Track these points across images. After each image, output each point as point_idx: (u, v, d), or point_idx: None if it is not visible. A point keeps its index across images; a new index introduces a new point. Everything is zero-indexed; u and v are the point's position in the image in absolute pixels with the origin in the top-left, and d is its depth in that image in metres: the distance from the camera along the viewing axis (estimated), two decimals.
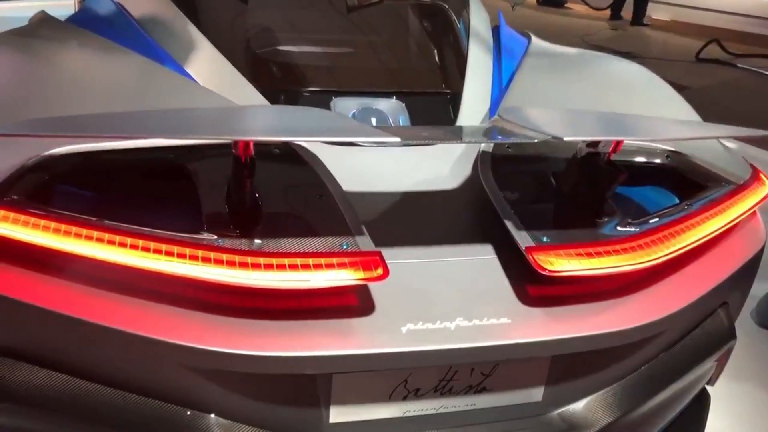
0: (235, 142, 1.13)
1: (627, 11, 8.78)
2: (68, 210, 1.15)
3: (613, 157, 1.33)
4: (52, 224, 1.12)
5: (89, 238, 1.11)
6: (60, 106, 1.44)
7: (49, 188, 1.28)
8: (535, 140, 1.16)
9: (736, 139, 1.77)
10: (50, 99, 1.47)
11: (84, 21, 1.95)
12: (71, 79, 1.59)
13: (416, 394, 1.25)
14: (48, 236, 1.12)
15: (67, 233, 1.12)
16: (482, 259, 1.29)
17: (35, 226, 1.12)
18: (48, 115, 1.34)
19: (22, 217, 1.12)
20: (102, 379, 1.16)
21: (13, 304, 1.13)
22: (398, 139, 1.07)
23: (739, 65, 6.75)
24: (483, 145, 1.47)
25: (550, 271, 1.18)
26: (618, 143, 1.30)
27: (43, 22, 2.00)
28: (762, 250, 1.53)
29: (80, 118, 1.24)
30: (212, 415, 1.18)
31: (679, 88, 1.94)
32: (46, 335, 1.16)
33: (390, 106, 1.67)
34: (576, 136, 1.21)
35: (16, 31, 1.87)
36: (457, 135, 1.45)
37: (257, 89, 1.60)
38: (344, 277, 1.12)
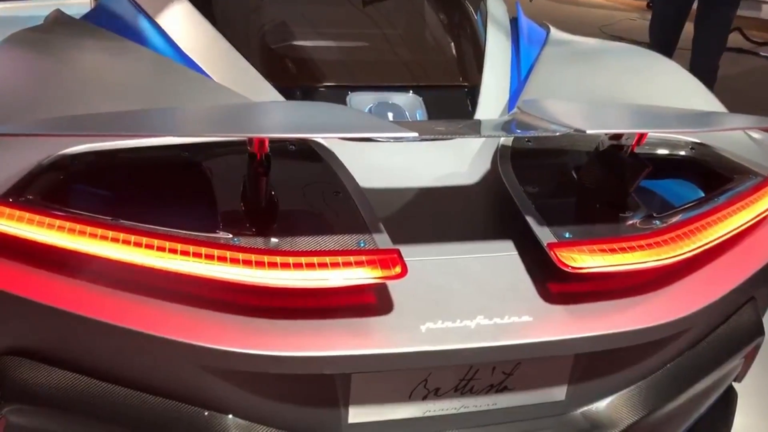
0: (250, 140, 1.11)
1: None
2: (84, 209, 1.15)
3: (636, 149, 1.29)
4: (68, 224, 1.11)
5: (105, 237, 1.10)
6: (75, 104, 1.43)
7: (65, 187, 1.27)
8: (557, 133, 1.13)
9: (763, 130, 1.72)
10: (66, 97, 1.47)
11: (99, 19, 1.95)
12: (86, 77, 1.59)
13: (436, 394, 1.23)
14: (64, 236, 1.11)
15: (82, 233, 1.11)
16: (502, 255, 1.27)
17: (51, 226, 1.11)
18: (64, 114, 1.34)
19: (38, 217, 1.12)
20: (118, 380, 1.16)
21: (29, 304, 1.12)
22: (416, 134, 1.06)
23: (762, 54, 6.63)
24: (502, 138, 1.45)
25: (572, 267, 1.16)
26: (642, 136, 1.27)
27: (58, 19, 2.00)
28: None
29: (93, 117, 1.23)
30: (229, 416, 1.17)
31: None
32: (62, 336, 1.15)
33: (407, 101, 1.65)
34: (599, 128, 1.18)
35: (31, 30, 1.87)
36: (476, 129, 1.42)
37: (273, 85, 1.59)
38: (362, 275, 1.11)
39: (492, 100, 1.67)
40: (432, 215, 1.35)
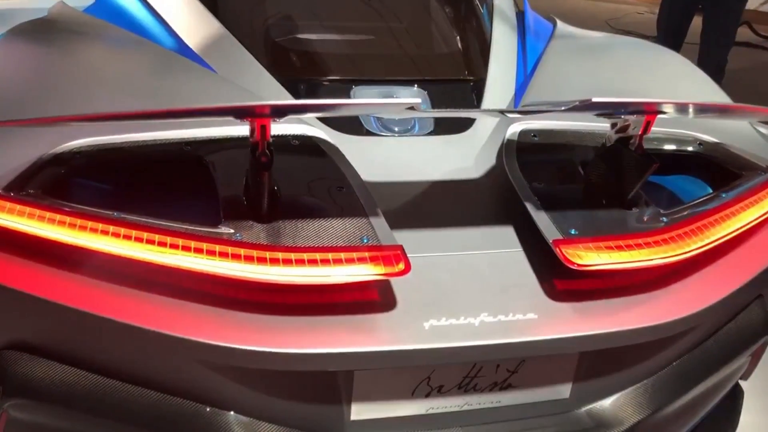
0: (252, 129, 1.10)
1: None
2: (85, 204, 1.14)
3: (644, 146, 1.27)
4: (69, 219, 1.10)
5: (105, 232, 1.10)
6: (78, 96, 1.43)
7: (66, 182, 1.27)
8: (563, 108, 1.12)
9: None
10: (68, 89, 1.46)
11: (102, 11, 1.94)
12: (89, 70, 1.58)
13: (440, 391, 1.22)
14: (65, 231, 1.10)
15: (83, 228, 1.10)
16: (507, 252, 1.25)
17: (52, 220, 1.11)
18: (67, 105, 1.33)
19: (38, 212, 1.11)
20: (120, 376, 1.15)
21: (30, 299, 1.12)
22: (419, 101, 1.04)
23: None
24: (508, 134, 1.43)
25: (578, 264, 1.15)
26: (648, 124, 1.24)
27: (61, 12, 1.99)
28: None
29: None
30: (231, 413, 1.17)
31: None
32: (63, 331, 1.15)
33: (411, 95, 1.63)
34: (604, 97, 1.16)
35: (35, 22, 1.86)
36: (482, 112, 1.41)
37: (276, 78, 1.58)
38: (365, 272, 1.10)
39: (498, 94, 1.66)
40: (436, 211, 1.34)
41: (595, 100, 1.08)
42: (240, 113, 1.11)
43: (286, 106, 1.29)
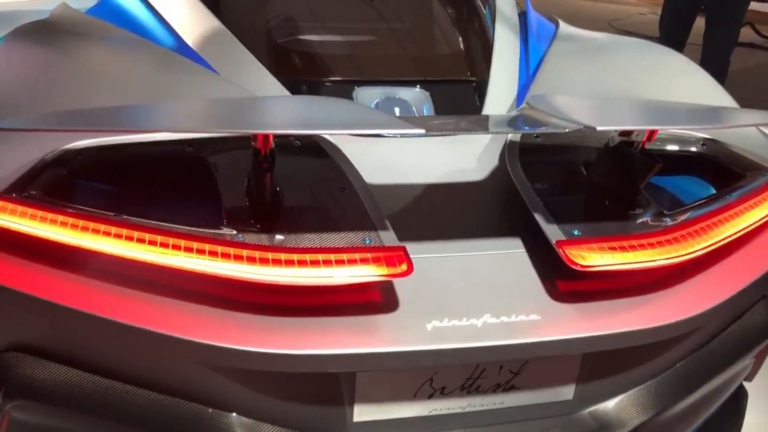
0: (255, 135, 1.10)
1: None
2: (87, 205, 1.14)
3: (647, 146, 1.27)
4: (71, 220, 1.10)
5: (108, 233, 1.10)
6: (80, 98, 1.43)
7: (69, 183, 1.27)
8: (566, 130, 1.12)
9: None
10: (71, 91, 1.46)
11: (105, 12, 1.94)
12: (91, 71, 1.58)
13: (442, 393, 1.21)
14: (67, 232, 1.10)
15: (85, 229, 1.10)
16: (510, 253, 1.25)
17: (54, 221, 1.11)
18: (69, 107, 1.33)
19: (40, 213, 1.11)
20: (122, 377, 1.15)
21: (32, 300, 1.11)
22: (422, 131, 1.04)
23: None
24: (511, 134, 1.43)
25: (581, 266, 1.14)
26: (653, 132, 1.25)
27: (64, 13, 1.99)
28: None
29: (97, 112, 1.22)
30: (233, 414, 1.16)
31: None
32: (65, 333, 1.15)
33: (414, 96, 1.63)
34: (609, 125, 1.16)
35: (37, 23, 1.86)
36: (483, 125, 1.40)
37: (279, 80, 1.58)
38: (367, 273, 1.09)
39: (500, 95, 1.66)
40: (439, 212, 1.34)
41: (599, 128, 1.09)
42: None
43: (285, 135, 1.28)
